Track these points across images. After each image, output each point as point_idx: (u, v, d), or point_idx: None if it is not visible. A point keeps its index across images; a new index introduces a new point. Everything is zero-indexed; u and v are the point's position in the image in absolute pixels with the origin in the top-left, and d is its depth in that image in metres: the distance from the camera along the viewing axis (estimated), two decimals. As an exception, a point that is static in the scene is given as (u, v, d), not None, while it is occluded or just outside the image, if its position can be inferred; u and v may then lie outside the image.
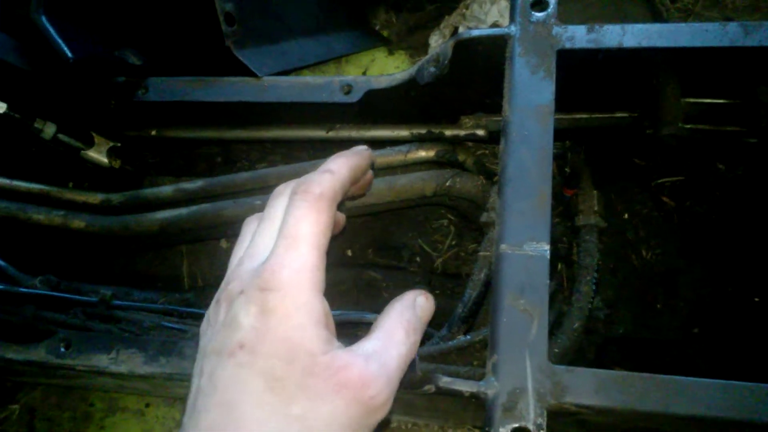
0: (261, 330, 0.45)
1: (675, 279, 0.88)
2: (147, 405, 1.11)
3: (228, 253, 0.56)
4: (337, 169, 0.53)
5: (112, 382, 0.88)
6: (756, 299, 0.85)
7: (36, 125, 0.87)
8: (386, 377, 0.46)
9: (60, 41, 0.78)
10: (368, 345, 0.47)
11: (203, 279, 0.99)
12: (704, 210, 0.88)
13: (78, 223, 0.90)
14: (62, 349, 0.76)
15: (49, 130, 0.87)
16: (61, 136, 0.89)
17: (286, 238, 0.48)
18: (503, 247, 0.59)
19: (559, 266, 0.82)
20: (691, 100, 0.73)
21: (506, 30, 0.67)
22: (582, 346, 0.81)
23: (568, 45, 0.66)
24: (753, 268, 0.85)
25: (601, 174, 0.86)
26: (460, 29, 1.18)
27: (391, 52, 1.25)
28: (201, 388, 0.46)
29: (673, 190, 0.89)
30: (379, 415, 0.46)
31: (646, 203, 0.90)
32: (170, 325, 0.79)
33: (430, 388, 0.58)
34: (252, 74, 0.83)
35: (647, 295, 0.88)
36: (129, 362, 0.74)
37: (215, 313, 0.49)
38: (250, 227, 0.54)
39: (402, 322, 0.50)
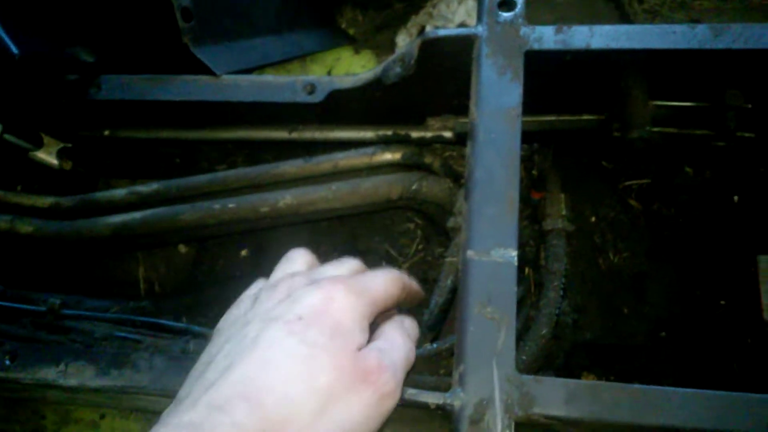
0: (320, 310, 0.51)
1: (643, 283, 0.87)
2: (102, 416, 1.07)
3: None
4: (413, 286, 0.63)
5: (63, 394, 0.84)
6: (722, 302, 0.85)
7: (-20, 125, 0.82)
8: (394, 369, 0.52)
9: (5, 37, 0.74)
10: (378, 344, 0.54)
11: (161, 285, 0.95)
12: (671, 213, 0.88)
13: (26, 228, 0.86)
14: (7, 362, 0.72)
15: (-6, 130, 0.83)
16: (7, 136, 0.84)
17: (372, 273, 0.59)
18: (470, 253, 0.58)
19: (527, 270, 0.81)
20: (659, 102, 0.73)
21: (473, 30, 0.65)
22: (551, 352, 0.80)
23: (536, 46, 0.65)
24: (720, 272, 0.85)
25: (569, 177, 0.86)
26: (428, 28, 1.16)
27: (357, 51, 1.23)
28: (241, 350, 0.50)
29: (641, 193, 0.89)
30: (389, 403, 0.52)
31: (613, 206, 0.90)
32: (124, 335, 0.75)
33: (395, 400, 0.57)
34: (211, 72, 0.80)
35: (615, 299, 0.87)
36: (79, 375, 0.70)
37: (268, 296, 0.55)
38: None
39: (398, 330, 0.58)
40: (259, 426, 0.45)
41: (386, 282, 0.58)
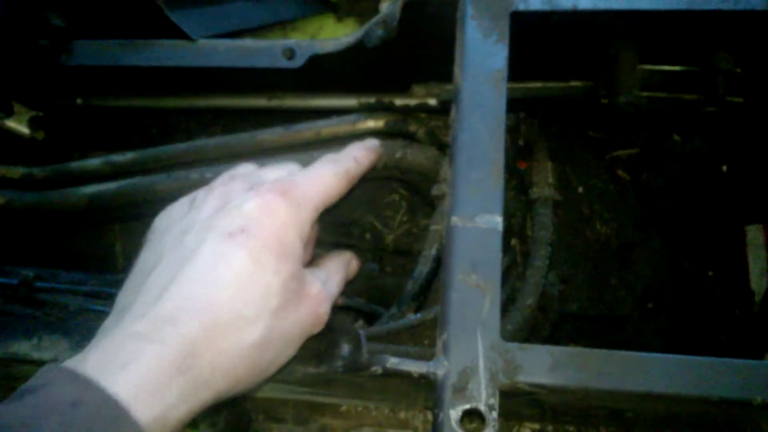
0: (261, 222, 0.51)
1: (629, 253, 0.86)
2: (82, 393, 1.05)
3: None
4: (363, 161, 0.65)
5: (37, 370, 0.82)
6: (710, 273, 0.84)
7: (-54, 92, 0.79)
8: (329, 300, 0.57)
9: (-30, -2, 0.71)
10: (320, 273, 0.58)
11: (139, 259, 0.93)
12: (660, 183, 0.87)
13: (-2, 199, 0.83)
14: (-23, 337, 0.70)
15: (-39, 97, 0.80)
16: (-25, 104, 0.81)
17: (313, 173, 0.58)
18: (454, 219, 0.56)
19: (513, 241, 0.80)
20: (648, 67, 0.71)
21: (458, -11, 0.63)
22: (537, 323, 0.79)
23: (521, 7, 0.63)
24: (708, 242, 0.85)
25: (556, 148, 0.84)
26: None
27: (339, 20, 1.20)
28: (181, 261, 0.49)
29: (629, 164, 0.88)
30: (318, 328, 0.56)
31: (601, 177, 0.89)
32: (100, 308, 0.73)
33: (376, 369, 0.56)
34: (186, 37, 0.77)
35: (602, 270, 0.87)
36: (53, 349, 0.68)
37: (204, 200, 0.55)
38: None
39: (340, 266, 0.63)
40: (211, 338, 0.46)
41: (330, 181, 0.59)
